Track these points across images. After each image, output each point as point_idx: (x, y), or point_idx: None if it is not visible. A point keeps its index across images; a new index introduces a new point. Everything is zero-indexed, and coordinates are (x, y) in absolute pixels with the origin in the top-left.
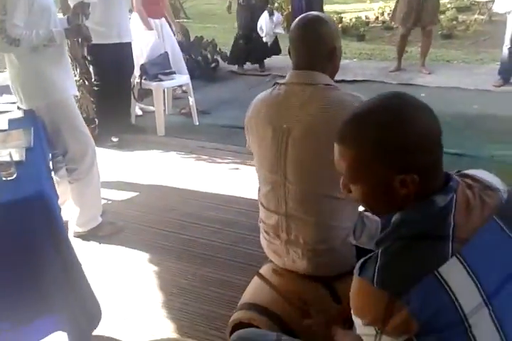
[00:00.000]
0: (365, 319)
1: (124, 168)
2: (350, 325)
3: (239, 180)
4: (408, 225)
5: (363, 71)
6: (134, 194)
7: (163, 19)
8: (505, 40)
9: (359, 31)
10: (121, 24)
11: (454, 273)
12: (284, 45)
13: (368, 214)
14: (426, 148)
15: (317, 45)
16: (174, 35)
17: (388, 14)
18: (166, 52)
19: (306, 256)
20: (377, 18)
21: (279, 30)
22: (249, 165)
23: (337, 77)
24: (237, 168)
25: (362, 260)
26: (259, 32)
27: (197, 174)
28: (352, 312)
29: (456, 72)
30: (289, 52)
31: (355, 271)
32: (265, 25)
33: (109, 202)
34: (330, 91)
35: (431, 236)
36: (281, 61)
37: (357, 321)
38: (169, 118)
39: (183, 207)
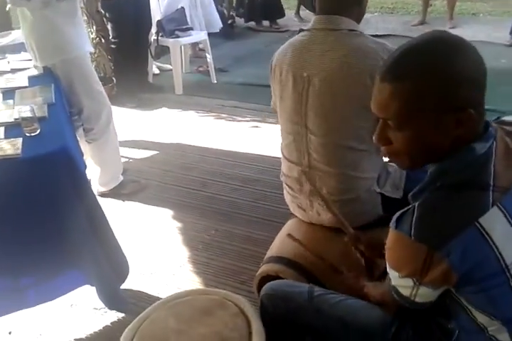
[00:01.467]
0: (402, 271)
1: (144, 127)
2: (377, 276)
3: (259, 138)
4: (447, 175)
5: (385, 25)
6: (154, 152)
7: None
8: None
9: None
10: None
11: (496, 224)
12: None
13: (392, 163)
14: (479, 84)
15: None
16: None
17: None
18: (183, 7)
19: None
20: None
21: None
22: (270, 122)
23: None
24: (257, 126)
25: (398, 213)
26: None
27: (216, 132)
28: (388, 264)
29: (483, 25)
30: (313, 1)
31: (392, 224)
32: None
33: (130, 160)
34: (354, 37)
35: (471, 186)
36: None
37: (393, 273)
38: (186, 76)
39: (203, 165)
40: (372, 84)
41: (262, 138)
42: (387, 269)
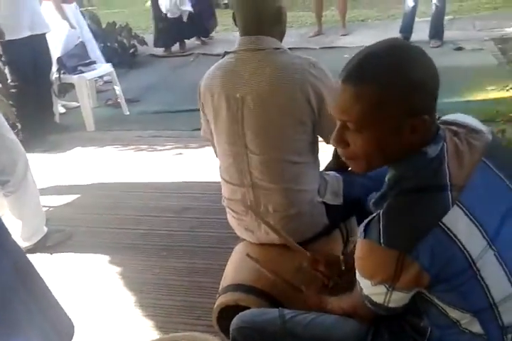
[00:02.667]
0: (374, 279)
1: (59, 171)
2: (336, 290)
3: (184, 165)
4: (404, 180)
5: (285, 39)
6: (76, 196)
7: (74, 4)
8: None
9: None
10: (32, 14)
11: (458, 221)
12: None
13: (329, 172)
14: (433, 89)
15: (264, 4)
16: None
17: None
18: (82, 41)
19: (279, 224)
20: None
21: (186, 8)
22: (193, 148)
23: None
24: (180, 153)
25: (365, 222)
26: (161, 8)
27: (139, 165)
28: (359, 274)
29: (372, 30)
30: (234, 19)
31: (360, 234)
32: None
33: (51, 209)
34: (279, 55)
35: (429, 188)
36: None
37: (364, 282)
38: (96, 111)
39: (132, 202)
40: (304, 97)
41: (186, 165)
42: (358, 279)
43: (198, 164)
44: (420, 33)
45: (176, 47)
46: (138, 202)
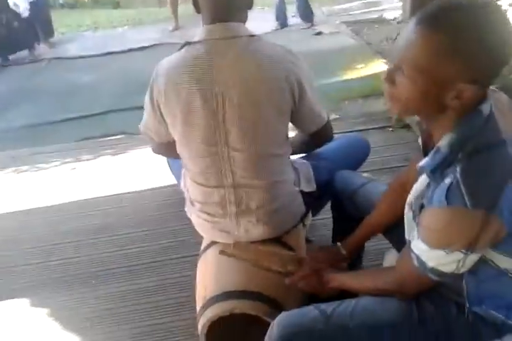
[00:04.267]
0: (453, 246)
1: None
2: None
3: (83, 179)
4: (470, 141)
5: (145, 36)
6: None
7: None
8: None
9: None
10: None
11: None
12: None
13: (294, 159)
14: (501, 60)
15: None
16: None
17: None
18: None
19: (262, 220)
20: None
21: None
22: (86, 160)
23: (121, 48)
24: (74, 168)
25: (441, 192)
26: (14, 8)
27: (25, 190)
28: (425, 247)
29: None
30: (196, 5)
31: (440, 204)
32: None
33: None
34: (259, 43)
35: (495, 145)
36: None
37: (434, 254)
38: None
39: (32, 232)
40: (288, 87)
41: (85, 179)
42: (421, 252)
43: (99, 176)
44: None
45: (22, 53)
46: (41, 230)
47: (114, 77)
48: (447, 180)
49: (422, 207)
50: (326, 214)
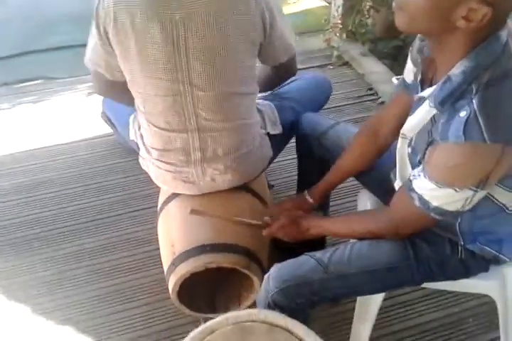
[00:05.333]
0: (465, 183)
1: None
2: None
3: (1, 132)
4: (486, 69)
5: None
6: None
7: None
8: None
9: None
10: None
11: None
12: None
13: (260, 101)
14: None
15: None
16: None
17: None
18: None
19: (230, 167)
20: None
21: None
22: (3, 109)
23: None
24: None
25: (457, 126)
26: None
27: None
28: (442, 184)
29: None
30: None
31: (457, 139)
32: None
33: None
34: None
35: (510, 74)
36: None
37: (443, 192)
38: None
39: None
40: (258, 13)
41: (6, 131)
42: (427, 192)
43: (23, 128)
44: None
45: None
46: None
47: (25, 11)
48: (462, 113)
49: (429, 143)
50: (284, 156)
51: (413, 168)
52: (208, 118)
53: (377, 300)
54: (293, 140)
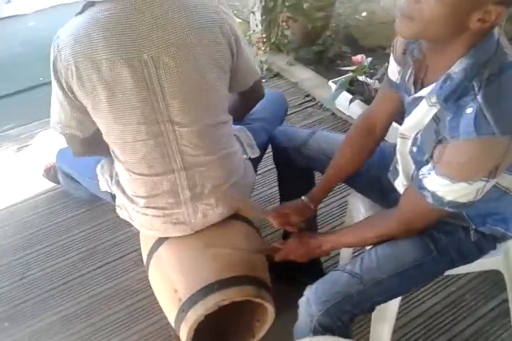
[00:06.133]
0: (478, 176)
1: None
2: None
3: None
4: (485, 65)
5: None
6: None
7: None
8: None
9: None
10: None
11: None
12: None
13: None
14: None
15: None
16: None
17: None
18: None
19: (221, 200)
20: None
21: None
22: None
23: None
24: None
25: (467, 122)
26: None
27: None
28: (457, 179)
29: None
30: None
31: (468, 135)
32: None
33: None
34: None
35: (506, 67)
36: None
37: (458, 186)
38: None
39: None
40: (225, 40)
41: None
42: (439, 188)
43: None
44: None
45: None
46: None
47: None
48: (469, 110)
49: (438, 142)
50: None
51: (418, 166)
52: (193, 154)
53: (395, 300)
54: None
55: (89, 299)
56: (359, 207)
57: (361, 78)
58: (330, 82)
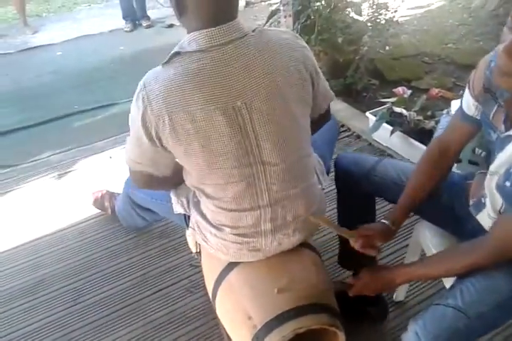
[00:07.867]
0: None
1: None
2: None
3: None
4: None
5: None
6: None
7: None
8: None
9: None
10: None
11: None
12: None
13: None
14: None
15: None
16: None
17: None
18: None
19: (298, 229)
20: None
21: None
22: None
23: None
24: None
25: None
26: None
27: None
28: None
29: (61, 23)
30: (179, 10)
31: None
32: None
33: None
34: (264, 34)
35: None
36: None
37: None
38: None
39: None
40: (309, 75)
41: None
42: None
43: None
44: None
45: None
46: None
47: None
48: None
49: None
50: None
51: (507, 199)
52: (279, 190)
53: None
54: None
55: (144, 327)
56: (426, 234)
57: (398, 110)
58: (368, 113)
